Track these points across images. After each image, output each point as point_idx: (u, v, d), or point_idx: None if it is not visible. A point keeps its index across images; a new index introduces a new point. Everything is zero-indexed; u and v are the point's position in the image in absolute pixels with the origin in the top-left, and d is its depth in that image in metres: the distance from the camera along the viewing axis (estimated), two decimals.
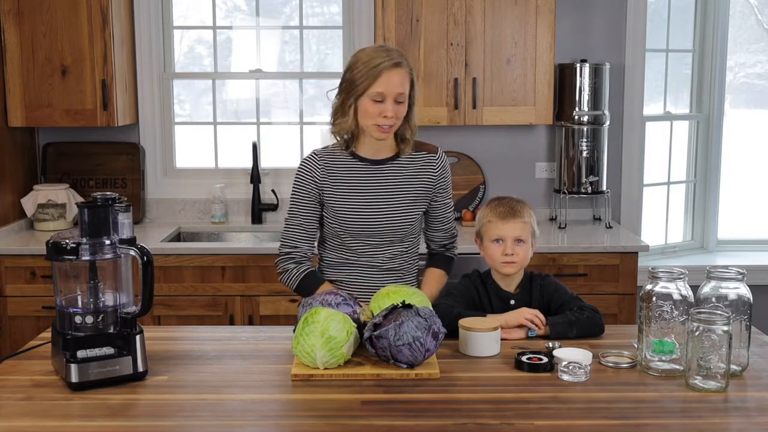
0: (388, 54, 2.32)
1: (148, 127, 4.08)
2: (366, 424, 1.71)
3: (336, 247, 2.49)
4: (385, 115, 2.31)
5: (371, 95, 2.30)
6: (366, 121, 2.35)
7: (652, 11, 4.18)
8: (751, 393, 1.90)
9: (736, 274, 2.00)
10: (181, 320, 3.51)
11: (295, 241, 2.47)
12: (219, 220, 4.05)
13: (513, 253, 2.35)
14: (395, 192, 2.44)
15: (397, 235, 2.45)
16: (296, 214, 2.46)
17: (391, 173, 2.45)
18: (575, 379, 1.94)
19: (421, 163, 2.48)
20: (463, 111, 3.73)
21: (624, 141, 4.12)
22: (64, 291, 1.98)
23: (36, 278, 3.49)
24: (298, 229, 2.46)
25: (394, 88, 2.30)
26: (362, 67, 2.31)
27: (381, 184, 2.43)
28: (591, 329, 2.26)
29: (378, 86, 2.29)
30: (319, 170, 2.43)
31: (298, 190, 2.46)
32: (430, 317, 1.99)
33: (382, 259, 2.47)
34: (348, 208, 2.41)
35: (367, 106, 2.32)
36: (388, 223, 2.43)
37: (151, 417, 1.78)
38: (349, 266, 2.48)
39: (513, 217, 2.38)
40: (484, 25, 3.70)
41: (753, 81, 7.32)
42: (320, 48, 4.35)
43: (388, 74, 2.29)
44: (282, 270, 2.49)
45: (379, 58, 2.30)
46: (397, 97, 2.32)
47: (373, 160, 2.44)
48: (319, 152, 2.47)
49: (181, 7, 4.19)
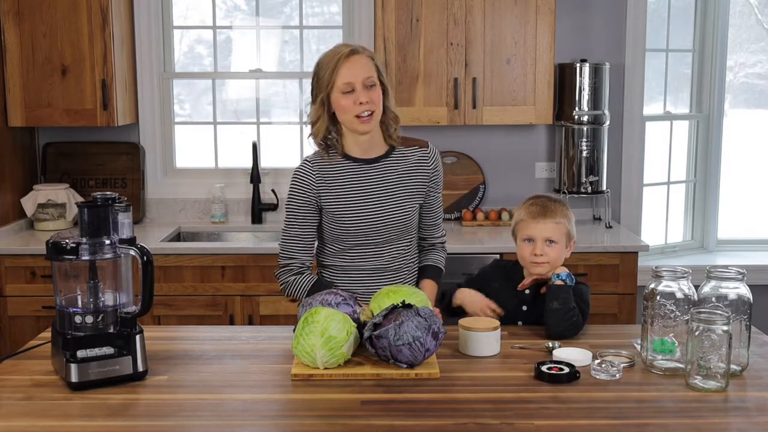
0: (345, 46, 2.33)
1: (148, 127, 4.08)
2: (366, 424, 1.71)
3: (337, 252, 2.46)
4: (360, 101, 2.28)
5: (339, 88, 2.29)
6: (344, 116, 2.32)
7: (652, 11, 4.18)
8: (751, 393, 1.90)
9: (736, 274, 2.00)
10: (181, 320, 3.50)
11: (294, 252, 2.43)
12: (219, 220, 4.05)
13: (542, 253, 2.33)
14: (392, 189, 2.42)
15: (396, 232, 2.44)
16: (293, 224, 2.43)
17: (387, 170, 2.43)
18: (611, 378, 1.95)
19: (414, 158, 2.45)
20: (463, 111, 3.73)
21: (624, 141, 4.12)
22: (64, 291, 1.98)
23: (36, 278, 3.49)
24: (295, 239, 2.43)
25: (358, 72, 2.29)
26: (324, 65, 2.32)
27: (377, 183, 2.42)
28: (567, 320, 2.21)
29: (342, 76, 2.28)
30: (315, 176, 2.40)
31: (294, 199, 2.42)
32: (430, 317, 1.99)
33: (383, 260, 2.45)
34: (347, 210, 2.39)
35: (339, 101, 2.30)
36: (387, 220, 2.41)
37: (151, 417, 1.78)
38: (351, 271, 2.46)
39: (544, 217, 2.35)
40: (484, 25, 3.70)
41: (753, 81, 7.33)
42: (320, 48, 4.35)
43: (348, 62, 2.29)
44: (283, 283, 2.46)
45: (337, 51, 2.31)
46: (366, 81, 2.29)
47: (367, 159, 2.42)
48: (312, 158, 2.44)
49: (181, 7, 4.20)
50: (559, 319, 2.22)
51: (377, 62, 2.35)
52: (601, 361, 1.98)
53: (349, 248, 2.44)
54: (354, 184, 2.41)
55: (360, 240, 2.42)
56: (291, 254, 2.44)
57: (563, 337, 2.22)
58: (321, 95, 2.33)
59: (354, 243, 2.43)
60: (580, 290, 2.33)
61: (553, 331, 2.22)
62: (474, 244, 3.59)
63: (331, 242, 2.47)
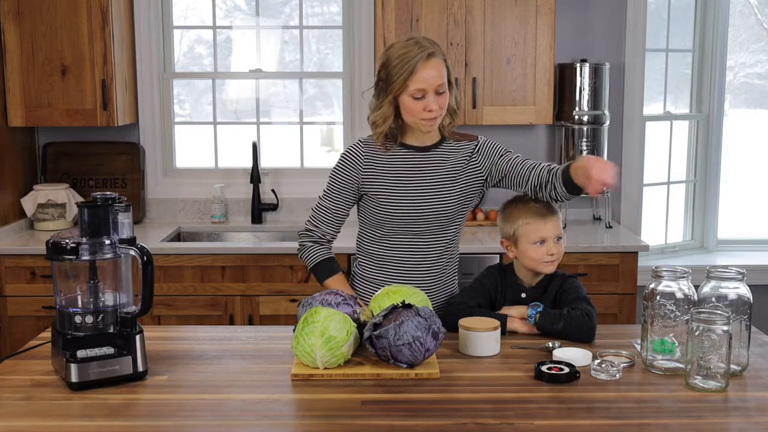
0: (420, 46, 2.26)
1: (148, 127, 4.08)
2: (366, 424, 1.71)
3: (377, 239, 2.45)
4: (430, 109, 2.27)
5: (411, 93, 2.26)
6: (411, 118, 2.31)
7: (652, 11, 4.18)
8: (751, 393, 1.90)
9: (736, 273, 2.00)
10: (181, 320, 3.51)
11: (319, 222, 2.46)
12: (219, 220, 4.05)
13: (556, 251, 2.33)
14: (436, 179, 2.39)
15: (437, 223, 2.40)
16: (329, 197, 2.45)
17: (434, 160, 2.40)
18: (611, 378, 1.95)
19: (463, 151, 2.43)
20: (463, 111, 3.73)
21: (624, 141, 4.12)
22: (64, 291, 1.98)
23: (36, 278, 3.49)
24: (325, 212, 2.46)
25: (433, 80, 2.25)
26: (396, 64, 2.26)
27: (422, 171, 2.39)
28: (578, 329, 2.20)
29: (416, 83, 2.24)
30: (363, 159, 2.41)
31: (338, 174, 2.43)
32: (430, 317, 1.99)
33: (422, 252, 2.42)
34: (389, 195, 2.38)
35: (409, 104, 2.28)
36: (427, 209, 2.38)
37: (151, 417, 1.77)
38: (389, 260, 2.44)
39: (552, 214, 2.34)
40: (484, 25, 3.70)
41: (753, 81, 7.33)
42: (320, 48, 4.35)
43: (425, 67, 2.24)
44: (301, 244, 2.50)
45: (411, 52, 2.25)
46: (438, 88, 2.27)
47: (418, 147, 2.40)
48: (365, 140, 2.44)
49: (181, 7, 4.20)
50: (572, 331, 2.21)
51: (448, 62, 2.32)
52: (601, 361, 1.98)
53: (390, 236, 2.43)
54: (399, 169, 2.39)
55: (399, 227, 2.41)
56: (316, 223, 2.47)
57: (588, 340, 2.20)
58: (389, 96, 2.30)
59: (393, 230, 2.41)
60: (573, 285, 2.34)
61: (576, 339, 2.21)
62: (474, 244, 3.59)
63: (371, 228, 2.46)
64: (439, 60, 2.27)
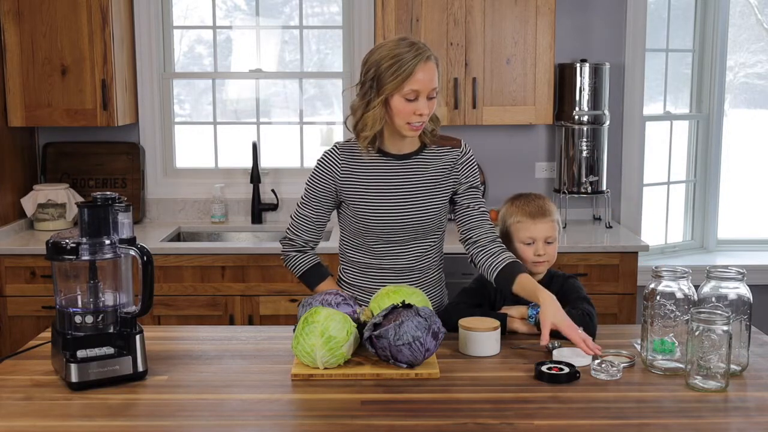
0: (416, 48, 2.21)
1: (148, 127, 4.08)
2: (366, 424, 1.71)
3: (358, 247, 2.42)
4: (420, 113, 2.22)
5: (405, 94, 2.20)
6: (398, 120, 2.24)
7: (652, 11, 4.18)
8: (751, 393, 1.90)
9: (736, 273, 2.00)
10: (181, 320, 3.51)
11: (299, 231, 2.42)
12: (219, 220, 4.05)
13: (544, 252, 2.35)
14: (415, 187, 2.35)
15: (418, 230, 2.37)
16: (307, 204, 2.40)
17: (413, 168, 2.36)
18: (611, 378, 1.95)
19: (444, 157, 2.39)
20: (463, 111, 3.73)
21: (624, 141, 4.12)
22: (64, 291, 1.98)
23: (36, 278, 3.50)
24: (304, 219, 2.41)
25: (429, 83, 2.21)
26: (391, 64, 2.19)
27: (401, 179, 2.35)
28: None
29: (412, 84, 2.19)
30: (340, 164, 2.35)
31: (315, 182, 2.38)
32: (430, 317, 1.99)
33: (404, 259, 2.40)
34: (367, 203, 2.34)
35: (399, 106, 2.22)
36: (407, 218, 2.35)
37: (151, 417, 1.78)
38: (372, 268, 2.41)
39: (543, 216, 2.36)
40: (484, 25, 3.70)
41: (753, 81, 7.33)
42: (320, 48, 4.35)
43: (422, 70, 2.19)
44: (285, 255, 2.47)
45: (408, 54, 2.19)
46: (430, 93, 2.23)
47: (398, 155, 2.36)
48: (342, 145, 2.38)
49: (181, 6, 4.20)
50: None
51: (439, 67, 2.28)
52: (601, 361, 1.98)
53: (370, 244, 2.39)
54: (378, 177, 2.35)
55: (380, 236, 2.37)
56: (296, 232, 2.43)
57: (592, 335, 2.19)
58: (381, 97, 2.22)
59: (374, 238, 2.38)
60: (572, 285, 2.35)
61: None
62: None
63: (353, 236, 2.42)
64: (434, 64, 2.25)
